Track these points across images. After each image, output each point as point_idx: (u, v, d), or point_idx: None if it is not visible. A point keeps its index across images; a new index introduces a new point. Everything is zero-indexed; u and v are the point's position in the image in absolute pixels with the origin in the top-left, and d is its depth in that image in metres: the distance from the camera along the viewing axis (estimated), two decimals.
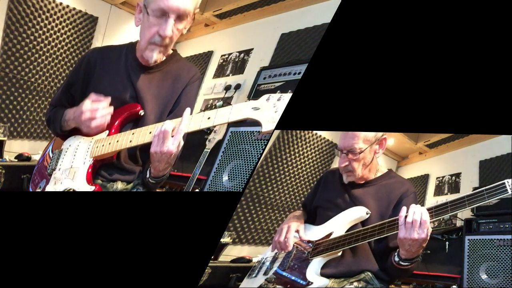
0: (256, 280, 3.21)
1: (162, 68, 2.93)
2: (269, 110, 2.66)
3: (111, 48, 3.02)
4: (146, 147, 2.87)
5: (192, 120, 2.74)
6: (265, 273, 3.19)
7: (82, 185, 2.88)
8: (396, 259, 2.92)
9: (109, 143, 2.88)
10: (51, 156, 3.02)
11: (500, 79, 3.13)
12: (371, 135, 3.08)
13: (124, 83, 2.91)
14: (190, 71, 2.99)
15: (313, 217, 3.24)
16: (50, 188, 2.94)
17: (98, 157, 2.89)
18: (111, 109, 2.90)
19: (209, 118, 2.72)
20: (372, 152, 3.09)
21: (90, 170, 2.89)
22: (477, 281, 3.22)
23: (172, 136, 2.72)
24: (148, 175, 2.88)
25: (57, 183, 2.92)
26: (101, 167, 2.93)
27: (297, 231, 3.18)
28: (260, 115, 2.66)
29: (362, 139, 3.07)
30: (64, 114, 2.94)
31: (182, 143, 2.75)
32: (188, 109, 2.77)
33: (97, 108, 2.88)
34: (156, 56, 2.87)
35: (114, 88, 2.91)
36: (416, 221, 2.83)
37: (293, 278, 3.09)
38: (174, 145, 2.73)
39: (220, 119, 2.71)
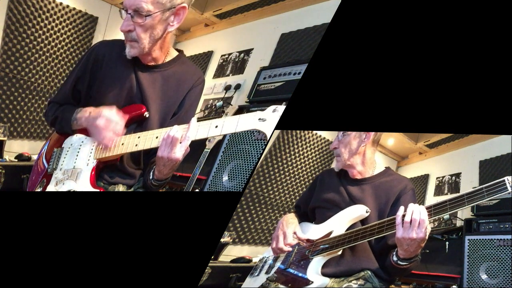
0: (258, 279, 3.21)
1: (167, 69, 2.90)
2: (275, 122, 2.70)
3: (118, 42, 2.95)
4: (150, 150, 2.87)
5: (200, 127, 2.75)
6: (267, 272, 3.19)
7: (86, 188, 2.85)
8: (395, 258, 2.89)
9: (114, 145, 2.85)
10: (52, 154, 2.99)
11: (500, 79, 3.13)
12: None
13: (131, 81, 2.88)
14: (195, 75, 2.96)
15: (308, 217, 3.24)
16: (51, 188, 2.91)
17: (102, 159, 2.87)
18: (124, 131, 2.87)
19: (216, 126, 2.74)
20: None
21: (93, 172, 2.86)
22: (477, 281, 3.22)
23: (180, 143, 2.74)
24: (151, 177, 2.87)
25: (59, 184, 2.89)
26: (104, 169, 2.90)
27: (295, 233, 3.17)
28: (266, 126, 2.70)
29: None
30: (76, 112, 2.88)
31: (188, 150, 2.76)
32: (195, 117, 2.80)
33: (115, 121, 2.84)
34: (130, 51, 2.83)
35: (120, 85, 2.87)
36: (415, 220, 2.79)
37: (296, 273, 3.08)
38: (181, 152, 2.74)
39: (227, 129, 2.73)
